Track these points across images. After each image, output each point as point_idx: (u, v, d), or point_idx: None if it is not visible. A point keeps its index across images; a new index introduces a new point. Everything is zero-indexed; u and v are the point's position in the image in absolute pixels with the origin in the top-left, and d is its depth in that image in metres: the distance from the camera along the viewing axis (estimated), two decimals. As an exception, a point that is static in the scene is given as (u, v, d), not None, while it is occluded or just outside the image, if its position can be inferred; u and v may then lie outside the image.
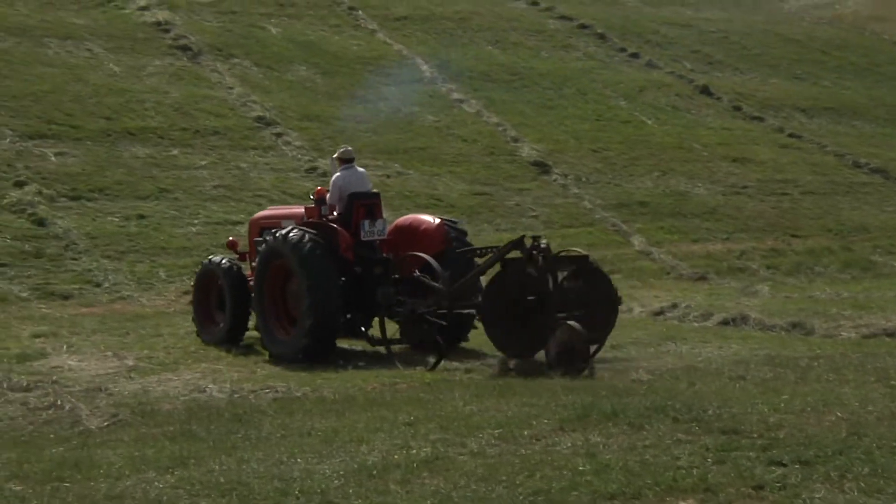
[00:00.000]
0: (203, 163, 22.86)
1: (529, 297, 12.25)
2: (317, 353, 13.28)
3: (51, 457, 8.75)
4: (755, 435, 8.00)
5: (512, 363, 12.46)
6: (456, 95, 28.44)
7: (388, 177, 23.70)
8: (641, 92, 30.90)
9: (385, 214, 14.14)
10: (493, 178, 24.69)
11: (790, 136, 30.08)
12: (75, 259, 18.61)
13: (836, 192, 26.79)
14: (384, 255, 13.85)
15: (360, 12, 32.39)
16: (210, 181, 22.16)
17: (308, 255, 13.10)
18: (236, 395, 11.72)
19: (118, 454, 8.74)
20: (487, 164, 25.34)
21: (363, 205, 13.77)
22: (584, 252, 13.59)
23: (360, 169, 14.40)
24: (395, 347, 13.86)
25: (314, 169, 23.30)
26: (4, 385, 12.06)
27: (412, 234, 14.01)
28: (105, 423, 10.42)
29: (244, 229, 17.11)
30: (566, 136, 27.37)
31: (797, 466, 7.19)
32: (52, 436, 9.87)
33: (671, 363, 12.54)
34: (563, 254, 13.29)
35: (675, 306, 17.50)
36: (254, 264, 14.37)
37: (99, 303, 16.92)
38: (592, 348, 12.36)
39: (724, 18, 38.57)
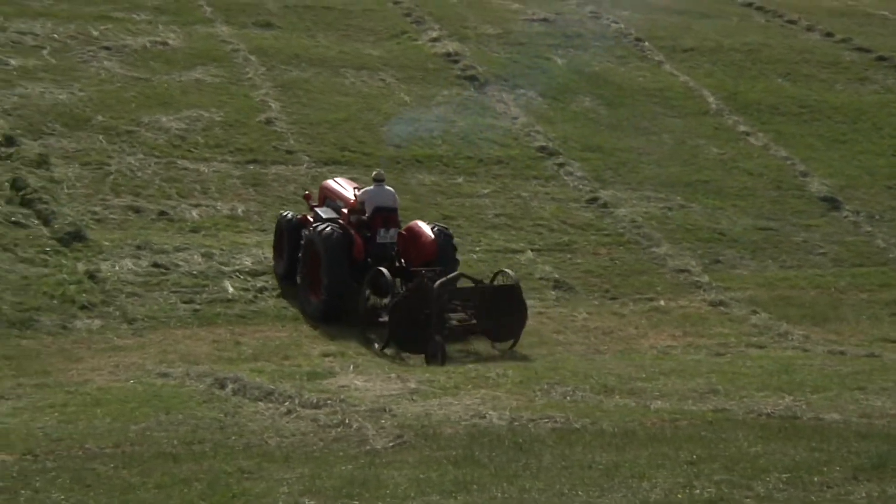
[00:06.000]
0: (486, 191, 23.22)
1: (426, 312, 16.23)
2: (330, 314, 17.38)
3: (341, 474, 9.05)
4: None
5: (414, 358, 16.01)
6: (742, 128, 27.80)
7: (670, 209, 23.40)
8: (942, 127, 29.35)
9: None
10: (780, 214, 23.99)
11: None
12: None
13: None
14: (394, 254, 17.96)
15: (647, 43, 32.16)
16: (492, 209, 22.50)
17: (330, 245, 17.32)
18: (516, 423, 11.79)
19: (403, 475, 8.95)
20: (774, 199, 24.64)
21: (382, 216, 17.84)
22: (513, 279, 17.38)
23: (388, 188, 18.34)
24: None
25: (595, 199, 23.28)
26: (296, 401, 12.61)
27: (413, 240, 17.78)
28: (390, 444, 10.69)
29: (523, 257, 20.51)
30: (859, 172, 26.31)
31: None
32: (340, 453, 10.21)
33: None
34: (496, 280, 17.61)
35: (976, 354, 16.53)
36: (318, 210, 18.70)
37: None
38: (509, 343, 16.83)
39: None
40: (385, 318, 16.64)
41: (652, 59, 31.25)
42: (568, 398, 13.39)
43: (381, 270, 17.00)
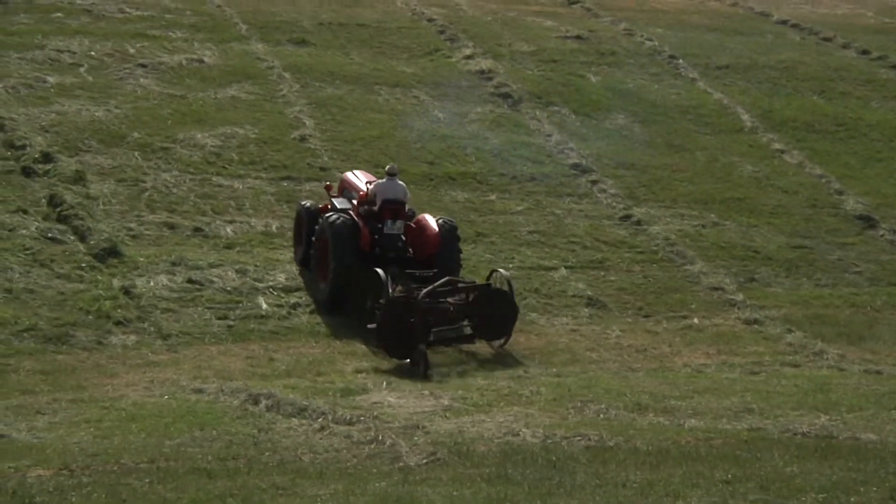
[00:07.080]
0: (519, 208, 23.21)
1: (411, 320, 16.64)
2: (336, 299, 18.09)
3: (374, 491, 9.06)
4: None
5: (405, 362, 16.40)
6: (777, 146, 27.69)
7: (704, 227, 23.30)
8: (979, 145, 29.10)
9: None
10: (814, 232, 23.84)
11: None
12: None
13: None
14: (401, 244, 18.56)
15: (681, 60, 32.10)
16: (525, 226, 22.49)
17: (337, 232, 17.97)
18: (549, 441, 11.76)
19: (437, 493, 8.95)
20: (808, 217, 24.50)
21: (390, 209, 18.44)
22: (505, 278, 17.93)
23: (400, 182, 18.81)
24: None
25: (628, 217, 23.23)
26: (330, 418, 12.63)
27: (419, 232, 18.48)
28: (424, 461, 10.68)
29: (557, 274, 20.56)
30: (895, 190, 26.15)
31: None
32: (374, 470, 10.21)
33: None
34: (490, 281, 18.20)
35: None
36: (335, 200, 19.22)
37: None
38: (500, 341, 17.47)
39: None
40: (373, 325, 16.85)
41: (686, 77, 31.21)
42: (601, 416, 13.35)
43: (376, 271, 17.35)
